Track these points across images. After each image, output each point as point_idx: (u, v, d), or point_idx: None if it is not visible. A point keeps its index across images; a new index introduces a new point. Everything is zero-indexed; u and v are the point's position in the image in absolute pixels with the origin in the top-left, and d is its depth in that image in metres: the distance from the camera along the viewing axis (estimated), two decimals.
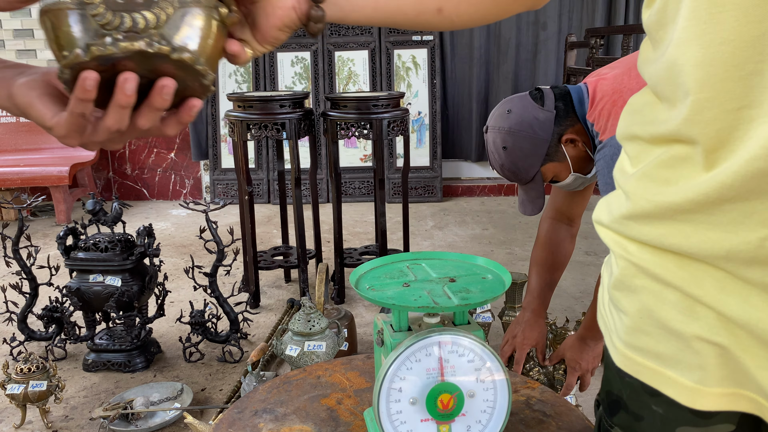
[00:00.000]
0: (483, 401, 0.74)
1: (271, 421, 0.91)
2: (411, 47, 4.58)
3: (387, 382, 0.73)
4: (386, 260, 0.88)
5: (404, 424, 0.74)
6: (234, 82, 4.64)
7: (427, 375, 0.73)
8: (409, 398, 0.73)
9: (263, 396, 1.00)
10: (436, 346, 0.72)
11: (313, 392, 0.98)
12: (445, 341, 0.72)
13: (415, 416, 0.74)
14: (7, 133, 4.53)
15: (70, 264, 2.18)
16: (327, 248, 3.41)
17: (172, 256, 3.45)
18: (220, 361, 2.27)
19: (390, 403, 0.74)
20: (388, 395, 0.73)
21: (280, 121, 2.54)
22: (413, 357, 0.73)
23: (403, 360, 0.73)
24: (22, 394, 1.81)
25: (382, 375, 0.73)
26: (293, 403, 0.96)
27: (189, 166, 4.82)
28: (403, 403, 0.74)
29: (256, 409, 0.96)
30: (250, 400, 0.99)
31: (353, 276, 0.84)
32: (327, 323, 1.86)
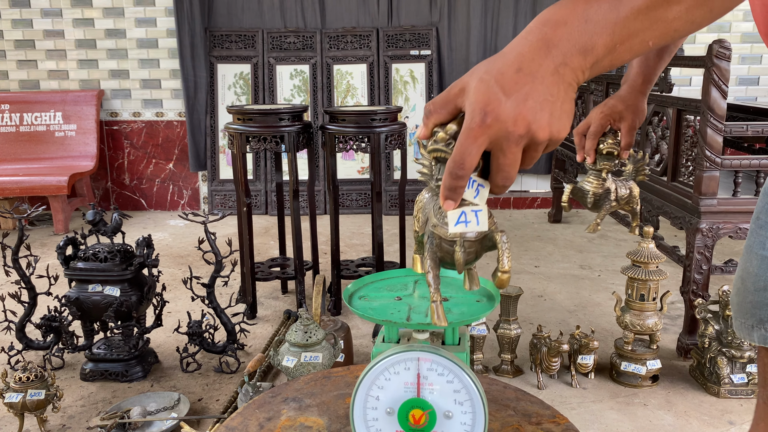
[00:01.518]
0: (460, 423, 0.75)
1: (294, 409, 0.96)
2: (409, 61, 4.63)
3: (364, 388, 0.75)
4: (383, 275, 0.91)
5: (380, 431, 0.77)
6: (233, 94, 4.68)
7: (405, 388, 0.75)
8: (386, 408, 0.76)
9: (300, 386, 1.04)
10: (415, 361, 0.74)
11: (344, 390, 1.01)
12: (425, 358, 0.73)
13: (390, 426, 0.76)
14: (7, 142, 4.55)
15: (69, 274, 2.20)
16: (324, 260, 3.43)
17: (169, 266, 3.47)
18: (217, 371, 2.29)
19: (367, 409, 0.76)
20: (365, 401, 0.76)
21: (279, 134, 2.57)
22: (392, 369, 0.74)
23: (381, 370, 0.75)
24: (20, 403, 1.83)
25: (359, 381, 0.75)
26: (320, 397, 0.99)
27: (187, 176, 4.85)
28: (379, 411, 0.76)
29: (287, 396, 1.00)
30: (287, 388, 1.03)
31: (347, 292, 0.86)
32: (324, 334, 1.88)
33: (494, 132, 0.57)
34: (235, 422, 0.94)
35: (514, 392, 1.00)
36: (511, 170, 0.60)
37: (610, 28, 0.58)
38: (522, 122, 0.57)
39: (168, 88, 4.74)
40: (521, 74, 0.57)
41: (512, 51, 0.59)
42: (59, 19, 4.64)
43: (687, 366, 2.29)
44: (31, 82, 4.76)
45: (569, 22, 0.58)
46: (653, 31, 0.60)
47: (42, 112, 4.61)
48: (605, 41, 0.58)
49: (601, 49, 0.59)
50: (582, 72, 0.59)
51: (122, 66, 4.72)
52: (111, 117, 4.78)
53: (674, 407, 2.04)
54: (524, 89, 0.57)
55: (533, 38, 0.58)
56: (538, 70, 0.57)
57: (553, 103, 0.58)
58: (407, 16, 4.63)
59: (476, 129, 0.57)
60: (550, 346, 2.16)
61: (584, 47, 0.58)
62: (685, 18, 0.60)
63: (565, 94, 0.59)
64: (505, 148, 0.58)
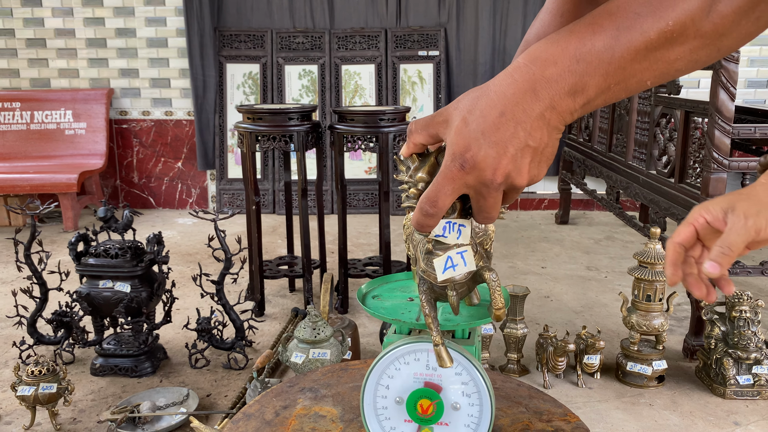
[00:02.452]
0: (467, 416, 0.76)
1: (310, 399, 0.98)
2: (417, 62, 4.65)
3: (374, 377, 0.77)
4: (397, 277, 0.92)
5: (389, 420, 0.78)
6: (242, 94, 4.71)
7: (414, 378, 0.76)
8: (396, 397, 0.77)
9: (318, 377, 1.06)
10: (425, 352, 0.75)
11: (359, 382, 1.02)
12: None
13: (399, 415, 0.78)
14: (18, 140, 4.59)
15: (80, 269, 2.23)
16: (331, 259, 3.45)
17: (178, 264, 3.50)
18: (225, 367, 2.31)
19: (377, 398, 0.78)
20: (375, 390, 0.78)
21: (288, 134, 2.59)
22: (402, 359, 0.76)
23: (392, 360, 0.76)
24: (32, 396, 1.85)
25: (370, 370, 0.77)
26: (336, 388, 1.01)
27: (195, 175, 4.88)
28: (389, 400, 0.78)
29: (304, 386, 1.03)
30: (305, 378, 1.06)
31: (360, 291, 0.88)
32: (332, 331, 1.90)
33: (472, 178, 0.56)
34: (253, 409, 0.97)
35: (527, 390, 1.01)
36: (491, 212, 0.59)
37: (603, 69, 0.54)
38: (501, 171, 0.55)
39: (177, 87, 4.78)
40: (504, 118, 0.54)
41: (496, 90, 0.56)
42: (70, 18, 4.68)
43: (693, 367, 2.30)
44: (41, 81, 4.80)
45: (559, 62, 0.54)
46: (652, 72, 0.55)
47: (52, 111, 4.65)
48: (597, 82, 0.54)
49: (593, 90, 0.55)
50: (570, 114, 0.56)
51: (132, 65, 4.75)
52: (120, 115, 4.81)
53: (680, 408, 2.05)
54: (506, 135, 0.54)
55: (519, 78, 0.55)
56: (521, 115, 0.54)
57: (535, 149, 0.56)
58: (416, 17, 4.65)
59: (454, 173, 0.56)
60: (556, 346, 2.17)
61: (574, 89, 0.54)
62: (688, 58, 0.55)
63: (549, 138, 0.56)
64: (485, 193, 0.57)
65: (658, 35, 0.53)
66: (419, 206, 0.59)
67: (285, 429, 0.91)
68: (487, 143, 0.54)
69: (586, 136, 3.80)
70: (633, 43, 0.53)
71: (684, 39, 0.53)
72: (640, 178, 2.84)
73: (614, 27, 0.53)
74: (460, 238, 0.65)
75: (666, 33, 0.52)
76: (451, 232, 0.64)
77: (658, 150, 2.68)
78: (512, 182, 0.56)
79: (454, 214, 0.64)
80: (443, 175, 0.57)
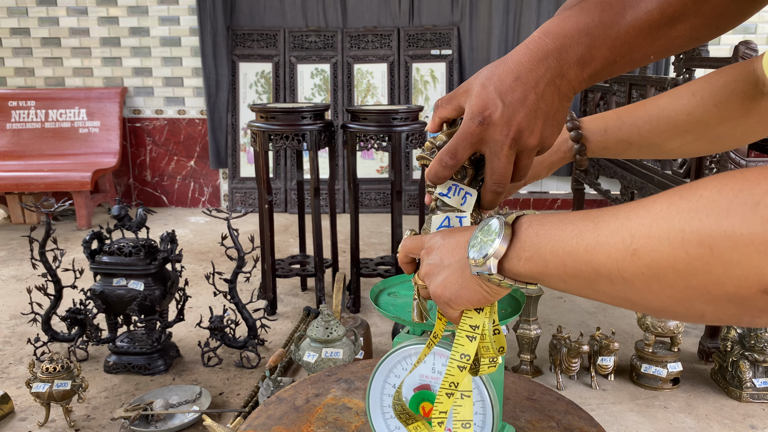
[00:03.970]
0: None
1: (343, 389, 1.00)
2: (430, 61, 4.63)
3: (381, 375, 0.77)
4: None
5: (394, 419, 0.78)
6: (254, 93, 4.72)
7: (420, 379, 0.75)
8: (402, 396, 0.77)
9: (357, 369, 1.07)
10: (431, 355, 0.74)
11: None
12: (440, 353, 0.73)
13: None
14: (33, 138, 4.63)
15: (95, 267, 2.24)
16: (343, 258, 3.45)
17: (190, 262, 3.51)
18: (238, 366, 2.31)
19: (384, 396, 0.78)
20: (382, 388, 0.77)
21: (301, 132, 2.59)
22: (409, 359, 0.76)
23: (399, 359, 0.76)
24: (47, 393, 1.86)
25: (376, 368, 0.76)
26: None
27: (208, 174, 4.90)
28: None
29: (341, 377, 1.04)
30: (344, 369, 1.07)
31: (375, 288, 0.87)
32: (344, 331, 1.90)
33: (488, 134, 0.61)
34: (287, 394, 0.99)
35: (566, 405, 0.98)
36: (504, 174, 0.64)
37: (610, 43, 0.59)
38: (515, 127, 0.60)
39: (190, 86, 4.79)
40: (519, 82, 0.60)
41: (513, 59, 0.61)
42: (84, 17, 4.71)
43: (708, 369, 2.28)
44: (56, 80, 4.84)
45: (569, 35, 0.59)
46: (655, 47, 0.60)
47: (67, 109, 4.68)
48: (604, 55, 0.60)
49: (600, 62, 0.60)
50: (579, 83, 0.61)
51: (145, 64, 4.77)
52: (134, 114, 4.84)
53: (695, 410, 2.03)
54: (520, 97, 0.60)
55: (533, 48, 0.61)
56: (535, 80, 0.60)
57: (547, 112, 0.61)
58: (428, 16, 4.63)
59: (473, 129, 0.62)
60: (570, 347, 2.16)
61: (582, 59, 0.60)
62: (689, 35, 0.60)
63: (559, 104, 0.61)
64: (498, 151, 0.62)
65: (661, 14, 0.57)
66: (439, 157, 0.64)
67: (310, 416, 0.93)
68: (503, 104, 0.60)
69: None
70: (637, 20, 0.58)
71: (685, 17, 0.58)
72: (655, 179, 2.81)
73: (621, 5, 0.59)
74: (464, 205, 0.69)
75: (668, 12, 0.57)
76: (455, 195, 0.68)
77: None
78: (524, 141, 0.61)
79: (464, 181, 0.68)
80: (462, 131, 0.63)
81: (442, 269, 0.62)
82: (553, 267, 0.51)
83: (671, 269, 0.41)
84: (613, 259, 0.45)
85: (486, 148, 0.63)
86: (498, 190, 0.65)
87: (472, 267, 0.57)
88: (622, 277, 0.44)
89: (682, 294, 0.41)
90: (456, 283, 0.61)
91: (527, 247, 0.53)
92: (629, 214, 0.45)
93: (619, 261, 0.44)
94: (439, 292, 0.62)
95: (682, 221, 0.40)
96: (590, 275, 0.48)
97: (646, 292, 0.44)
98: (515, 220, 0.56)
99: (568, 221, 0.51)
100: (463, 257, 0.60)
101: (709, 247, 0.38)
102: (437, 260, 0.63)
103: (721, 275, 0.38)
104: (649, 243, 0.42)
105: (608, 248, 0.45)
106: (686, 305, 0.42)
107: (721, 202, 0.38)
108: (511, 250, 0.54)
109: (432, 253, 0.64)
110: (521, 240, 0.54)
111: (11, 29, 4.75)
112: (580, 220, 0.50)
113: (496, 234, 0.55)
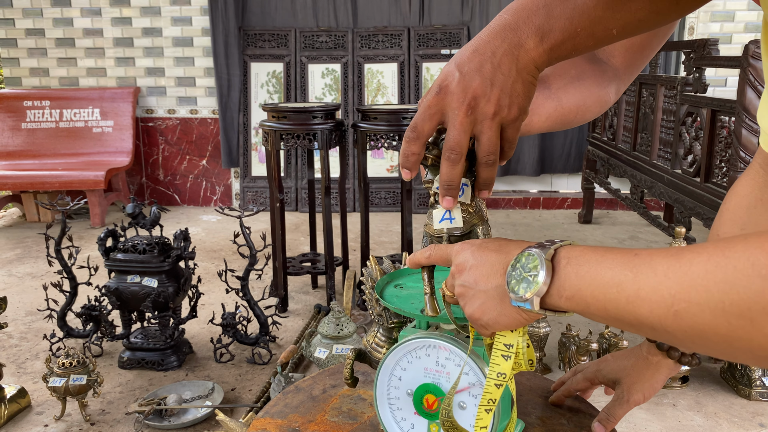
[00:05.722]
0: (473, 416, 0.75)
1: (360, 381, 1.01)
2: (440, 60, 4.65)
3: (387, 368, 0.78)
4: None
5: (400, 410, 0.79)
6: (266, 93, 4.75)
7: (425, 373, 0.77)
8: (407, 389, 0.78)
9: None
10: (435, 348, 0.76)
11: None
12: (444, 347, 0.75)
13: (409, 407, 0.79)
14: (47, 137, 4.69)
15: (109, 264, 2.28)
16: (353, 256, 3.47)
17: (203, 260, 3.55)
18: (250, 362, 2.34)
19: (390, 388, 0.79)
20: (388, 380, 0.79)
21: (312, 132, 2.62)
22: (414, 353, 0.77)
23: (405, 353, 0.77)
24: (63, 387, 1.90)
25: (382, 361, 0.78)
26: None
27: (220, 173, 4.94)
28: (401, 391, 0.79)
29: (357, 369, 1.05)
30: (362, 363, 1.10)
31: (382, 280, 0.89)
32: (355, 328, 1.92)
33: (446, 102, 0.64)
34: (305, 384, 1.01)
35: (577, 403, 0.98)
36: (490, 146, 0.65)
37: (568, 13, 0.61)
38: (470, 94, 0.63)
39: (202, 86, 4.84)
40: (476, 54, 0.63)
41: (475, 37, 0.65)
42: (98, 17, 4.76)
43: (717, 368, 2.28)
44: (70, 80, 4.89)
45: (527, 7, 0.62)
46: (616, 21, 0.61)
47: (80, 109, 4.74)
48: (563, 25, 0.61)
49: (559, 33, 0.61)
50: (539, 55, 0.62)
51: (158, 64, 4.82)
52: (146, 114, 4.89)
53: (704, 408, 2.04)
54: (476, 66, 0.62)
55: (493, 24, 0.64)
56: (492, 50, 0.62)
57: (504, 82, 0.62)
58: (438, 16, 4.65)
59: (430, 99, 0.64)
60: (579, 345, 2.17)
61: (540, 29, 0.61)
62: (648, 9, 0.61)
63: (517, 75, 0.63)
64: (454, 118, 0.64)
65: None
66: (405, 135, 0.67)
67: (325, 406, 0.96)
68: (460, 73, 0.63)
69: (610, 135, 3.78)
70: None
71: None
72: (665, 177, 2.81)
73: None
74: (462, 197, 0.72)
75: None
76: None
77: (684, 149, 2.65)
78: (482, 109, 0.63)
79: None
80: (422, 104, 0.65)
81: (477, 293, 0.62)
82: (594, 309, 0.52)
83: (714, 333, 0.43)
84: (655, 315, 0.46)
85: (445, 118, 0.65)
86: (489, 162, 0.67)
87: (514, 300, 0.57)
88: (665, 330, 0.46)
89: (727, 350, 0.44)
90: (494, 310, 0.61)
91: (567, 287, 0.54)
92: (667, 272, 0.46)
93: (662, 318, 0.46)
94: (477, 316, 0.63)
95: (721, 293, 0.42)
96: (632, 322, 0.49)
97: (690, 342, 0.46)
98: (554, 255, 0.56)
99: (606, 265, 0.51)
100: (501, 285, 0.60)
101: (749, 319, 0.40)
102: (472, 283, 0.63)
103: (763, 342, 0.41)
104: (690, 308, 0.44)
105: (649, 304, 0.46)
106: (730, 356, 0.45)
107: (755, 278, 0.40)
108: (552, 287, 0.55)
109: (464, 273, 0.64)
110: (561, 278, 0.55)
111: (26, 30, 4.81)
112: (618, 266, 0.50)
113: (537, 269, 0.55)
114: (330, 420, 0.93)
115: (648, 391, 0.88)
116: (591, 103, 0.86)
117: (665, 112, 2.92)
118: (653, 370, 0.88)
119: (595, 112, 0.88)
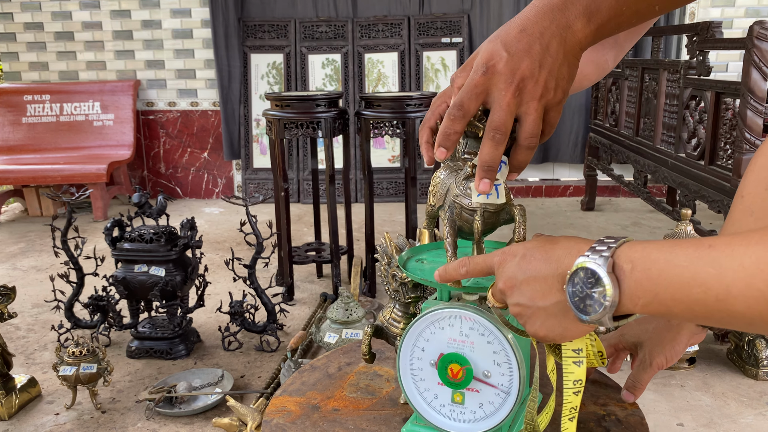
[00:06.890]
0: (498, 385, 0.77)
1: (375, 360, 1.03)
2: (440, 49, 4.64)
3: (410, 339, 0.79)
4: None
5: (423, 381, 0.81)
6: (266, 84, 4.74)
7: (448, 344, 0.78)
8: (430, 360, 0.79)
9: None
10: (458, 318, 0.77)
11: None
12: (467, 317, 0.76)
13: (433, 377, 0.80)
14: (48, 132, 4.68)
15: (116, 254, 2.28)
16: (357, 246, 3.47)
17: (207, 251, 3.55)
18: (258, 350, 2.35)
19: (413, 359, 0.80)
20: (411, 351, 0.80)
21: (316, 120, 2.62)
22: (437, 324, 0.78)
23: (428, 323, 0.78)
24: (73, 376, 1.91)
25: (405, 333, 0.79)
26: None
27: (221, 165, 4.94)
28: (424, 362, 0.80)
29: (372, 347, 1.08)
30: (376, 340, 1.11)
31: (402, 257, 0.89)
32: (364, 312, 1.92)
33: (493, 83, 0.63)
34: (320, 362, 1.02)
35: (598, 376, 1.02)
36: (534, 126, 0.64)
37: None
38: (518, 76, 0.61)
39: (203, 78, 4.83)
40: (524, 34, 0.61)
41: (520, 15, 0.63)
42: (97, 11, 4.75)
43: (724, 349, 2.29)
44: (70, 73, 4.88)
45: None
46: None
47: (81, 102, 4.73)
48: (610, 4, 0.60)
49: (606, 12, 0.60)
50: (585, 36, 0.62)
51: (158, 56, 4.81)
52: (147, 107, 4.88)
53: (711, 389, 2.05)
54: (525, 47, 0.61)
55: (540, 3, 0.62)
56: (540, 31, 0.61)
57: (552, 64, 0.62)
58: (439, 4, 4.64)
59: (477, 79, 0.63)
60: None
61: (588, 10, 0.60)
62: None
63: (564, 58, 0.62)
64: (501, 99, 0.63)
65: None
66: (448, 113, 0.65)
67: (342, 383, 0.97)
68: (508, 54, 0.62)
69: (612, 121, 3.78)
70: None
71: None
72: (669, 162, 2.82)
73: None
74: (499, 173, 0.71)
75: None
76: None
77: (688, 132, 2.65)
78: (529, 91, 0.62)
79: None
80: (468, 83, 0.64)
81: (536, 311, 0.61)
82: (678, 311, 0.50)
83: None
84: (755, 310, 0.45)
85: (490, 98, 0.64)
86: (531, 145, 0.66)
87: (584, 321, 0.56)
88: (764, 321, 0.46)
89: None
90: (560, 326, 0.60)
91: (641, 294, 0.52)
92: (759, 263, 0.45)
93: (763, 312, 0.45)
94: (542, 335, 0.62)
95: None
96: (724, 318, 0.48)
97: None
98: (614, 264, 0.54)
99: (680, 263, 0.50)
100: (561, 301, 0.58)
101: None
102: (527, 301, 0.61)
103: None
104: None
105: (745, 300, 0.45)
106: None
107: None
108: (623, 297, 0.53)
109: (515, 290, 0.62)
110: (631, 288, 0.53)
111: (25, 24, 4.79)
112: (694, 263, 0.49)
113: (602, 285, 0.53)
114: (349, 396, 0.94)
115: (670, 353, 0.88)
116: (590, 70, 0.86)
117: (668, 96, 2.92)
118: (674, 332, 0.88)
119: (592, 79, 0.88)
